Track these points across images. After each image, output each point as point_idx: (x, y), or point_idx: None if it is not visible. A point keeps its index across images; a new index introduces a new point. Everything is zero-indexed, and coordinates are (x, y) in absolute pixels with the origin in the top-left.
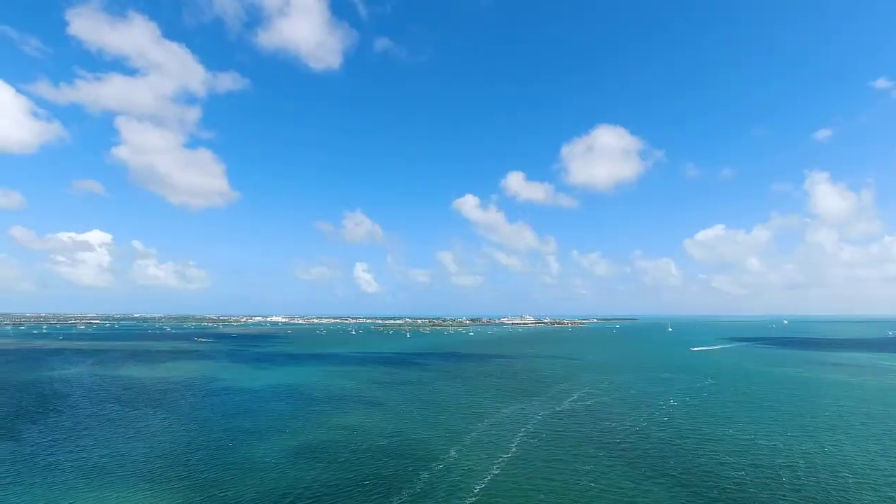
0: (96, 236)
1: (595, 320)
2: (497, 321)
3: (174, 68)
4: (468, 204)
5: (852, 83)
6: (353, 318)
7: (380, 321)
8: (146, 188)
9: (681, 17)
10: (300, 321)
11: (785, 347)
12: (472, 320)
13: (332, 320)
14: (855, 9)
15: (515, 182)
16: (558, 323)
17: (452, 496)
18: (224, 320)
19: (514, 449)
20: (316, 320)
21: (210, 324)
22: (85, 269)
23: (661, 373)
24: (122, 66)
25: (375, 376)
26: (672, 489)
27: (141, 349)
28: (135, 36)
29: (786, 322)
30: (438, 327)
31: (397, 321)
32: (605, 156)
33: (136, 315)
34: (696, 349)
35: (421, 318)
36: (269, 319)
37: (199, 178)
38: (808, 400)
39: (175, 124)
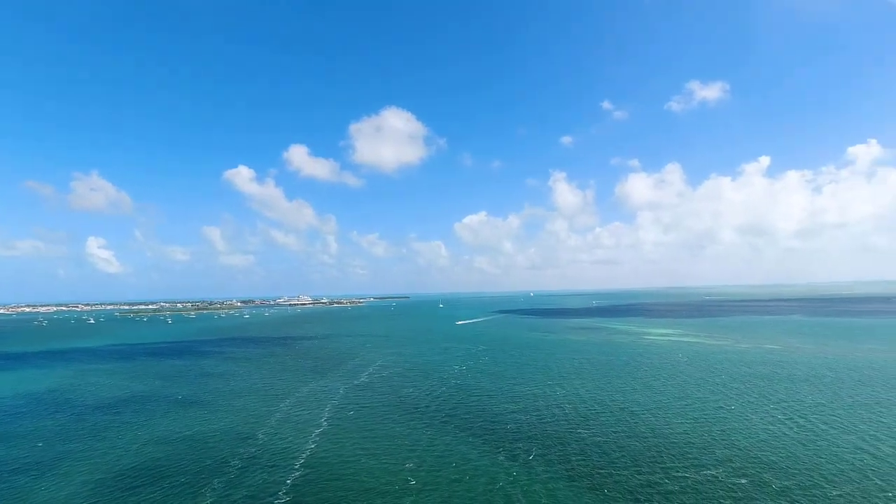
0: None
1: (372, 299)
2: (272, 302)
3: None
4: (242, 176)
5: (589, 100)
6: (85, 305)
7: (126, 307)
8: None
9: (468, 22)
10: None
11: (532, 316)
12: (243, 302)
13: (55, 308)
14: (589, 39)
15: (298, 156)
16: (337, 302)
17: (273, 475)
18: None
19: (325, 423)
20: (27, 309)
21: None
22: None
23: (441, 343)
24: None
25: (146, 370)
26: (470, 437)
27: None
28: None
29: (532, 295)
30: (206, 311)
31: (151, 306)
32: (393, 138)
33: None
34: (462, 322)
35: (182, 302)
36: None
37: None
38: (554, 356)
39: None
